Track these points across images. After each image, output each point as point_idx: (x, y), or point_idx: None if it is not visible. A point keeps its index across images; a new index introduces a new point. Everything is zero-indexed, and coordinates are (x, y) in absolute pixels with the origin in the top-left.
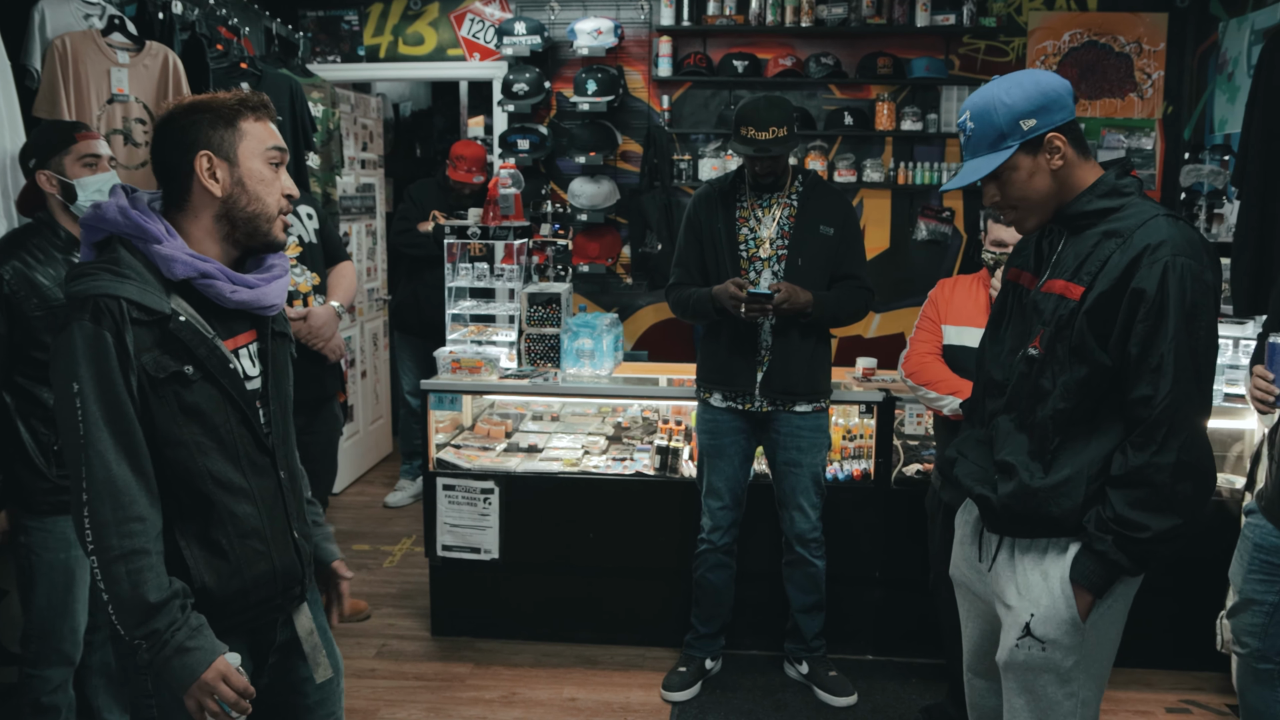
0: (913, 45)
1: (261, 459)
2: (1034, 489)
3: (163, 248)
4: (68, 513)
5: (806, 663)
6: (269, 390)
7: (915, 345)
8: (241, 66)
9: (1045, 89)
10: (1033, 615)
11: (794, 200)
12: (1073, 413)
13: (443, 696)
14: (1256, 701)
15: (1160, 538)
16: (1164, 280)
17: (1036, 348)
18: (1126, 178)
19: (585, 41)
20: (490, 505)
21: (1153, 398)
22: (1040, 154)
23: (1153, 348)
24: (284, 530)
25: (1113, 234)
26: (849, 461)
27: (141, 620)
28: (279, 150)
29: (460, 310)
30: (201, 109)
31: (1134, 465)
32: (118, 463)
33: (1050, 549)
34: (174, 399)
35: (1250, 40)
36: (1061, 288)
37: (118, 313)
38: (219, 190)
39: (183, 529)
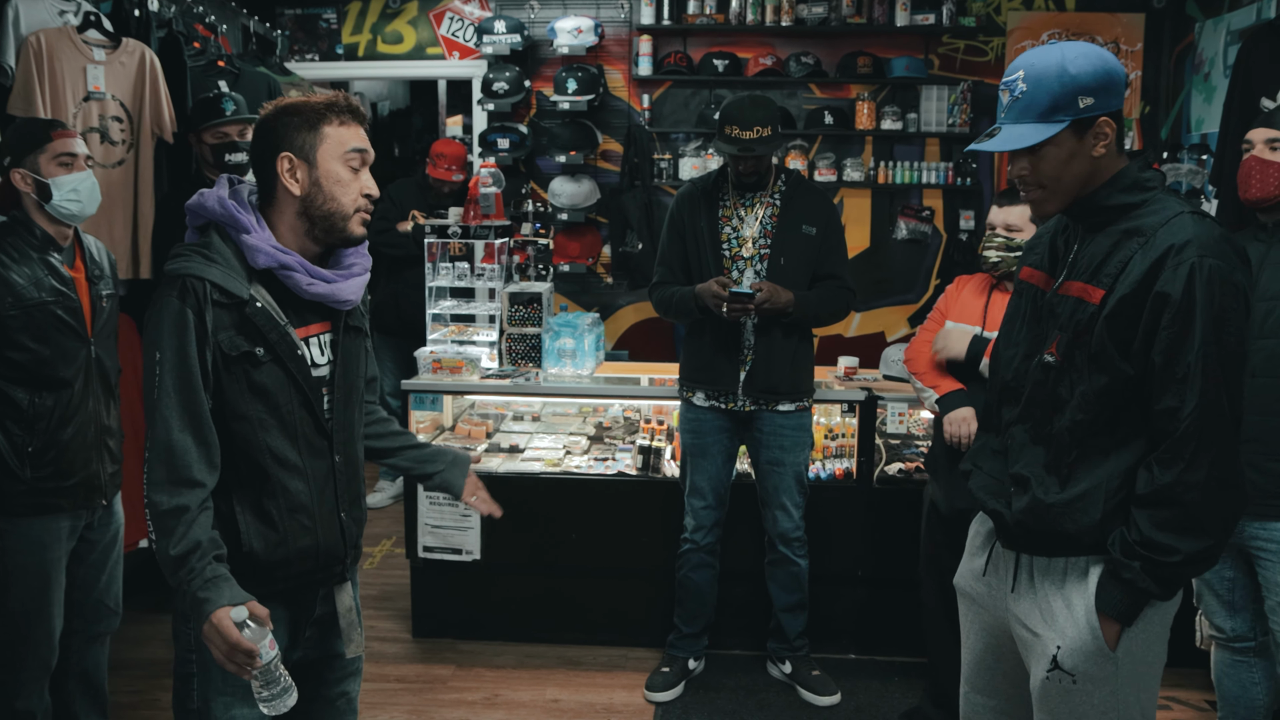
0: (892, 45)
1: (319, 441)
2: (1048, 504)
3: (250, 238)
4: (43, 515)
5: (790, 662)
6: (336, 379)
7: (920, 334)
8: (219, 64)
9: (1111, 68)
10: (1059, 647)
11: (777, 199)
12: (1092, 424)
13: (424, 699)
14: (1234, 686)
15: (1191, 560)
16: (1190, 283)
17: (1053, 354)
18: (1149, 171)
19: (565, 40)
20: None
21: (1179, 410)
22: (1087, 137)
23: (1179, 356)
24: (332, 510)
25: (1134, 232)
26: (831, 460)
27: (172, 570)
28: (359, 153)
29: (441, 310)
30: (291, 112)
31: (1161, 484)
32: (180, 429)
33: (1070, 573)
34: (243, 377)
35: (1226, 41)
36: (1079, 290)
37: (201, 293)
38: (297, 189)
39: (240, 496)
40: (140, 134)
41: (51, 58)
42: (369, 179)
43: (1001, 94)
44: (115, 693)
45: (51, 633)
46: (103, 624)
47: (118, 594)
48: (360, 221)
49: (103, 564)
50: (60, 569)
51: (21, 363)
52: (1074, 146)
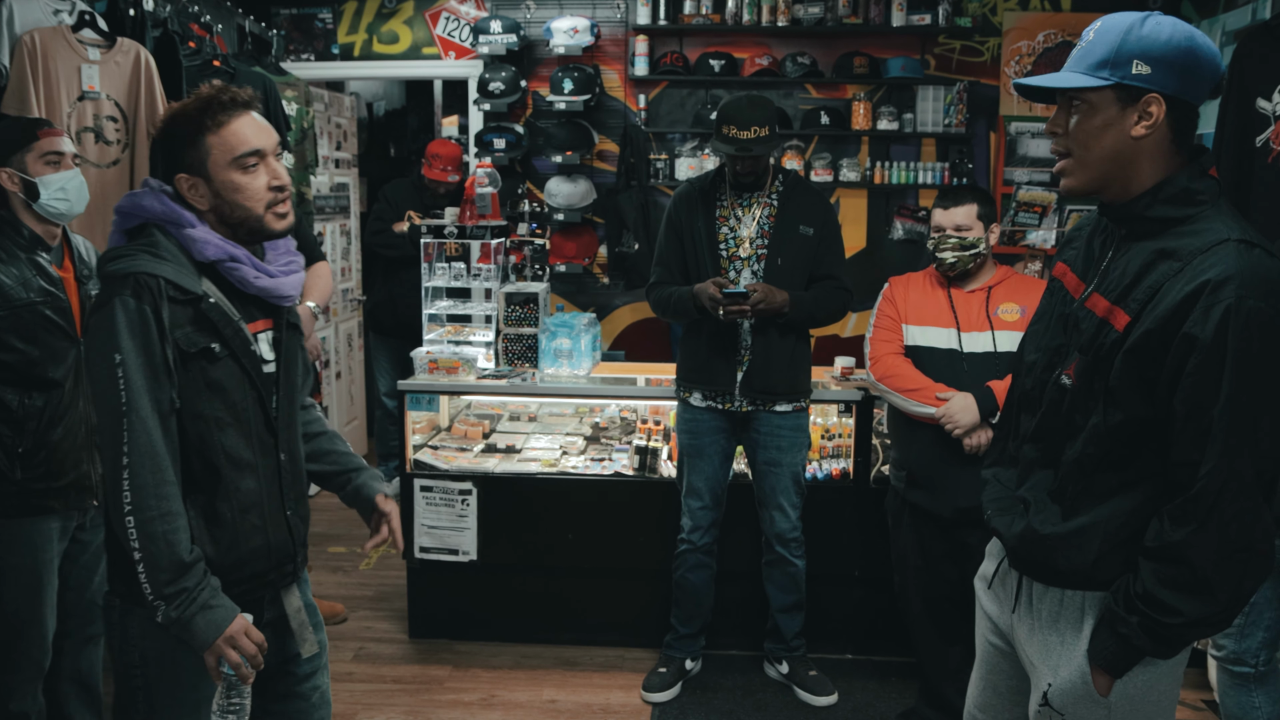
0: (889, 45)
1: (268, 438)
2: (1043, 536)
3: (196, 231)
4: (34, 515)
5: (787, 662)
6: (281, 377)
7: (878, 346)
8: (214, 64)
9: (1193, 48)
10: (1050, 685)
11: (774, 200)
12: (1102, 460)
13: (421, 699)
14: (1235, 707)
15: (1195, 624)
16: (1223, 327)
17: (1070, 376)
18: (1202, 180)
19: (561, 40)
20: (468, 506)
21: (1198, 466)
22: (1130, 110)
23: (1202, 408)
24: (279, 509)
25: (1169, 254)
26: (828, 461)
27: (174, 577)
28: (253, 154)
29: (437, 310)
30: (170, 129)
31: (1171, 540)
32: (157, 429)
33: (1066, 607)
34: (200, 374)
35: (1221, 41)
36: (1105, 310)
37: (157, 289)
38: (203, 205)
39: (192, 498)
40: (135, 134)
41: (46, 57)
42: (273, 168)
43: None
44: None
45: (44, 634)
46: (96, 625)
47: None
48: (276, 215)
49: (95, 565)
50: (52, 570)
51: (10, 363)
52: (1112, 115)
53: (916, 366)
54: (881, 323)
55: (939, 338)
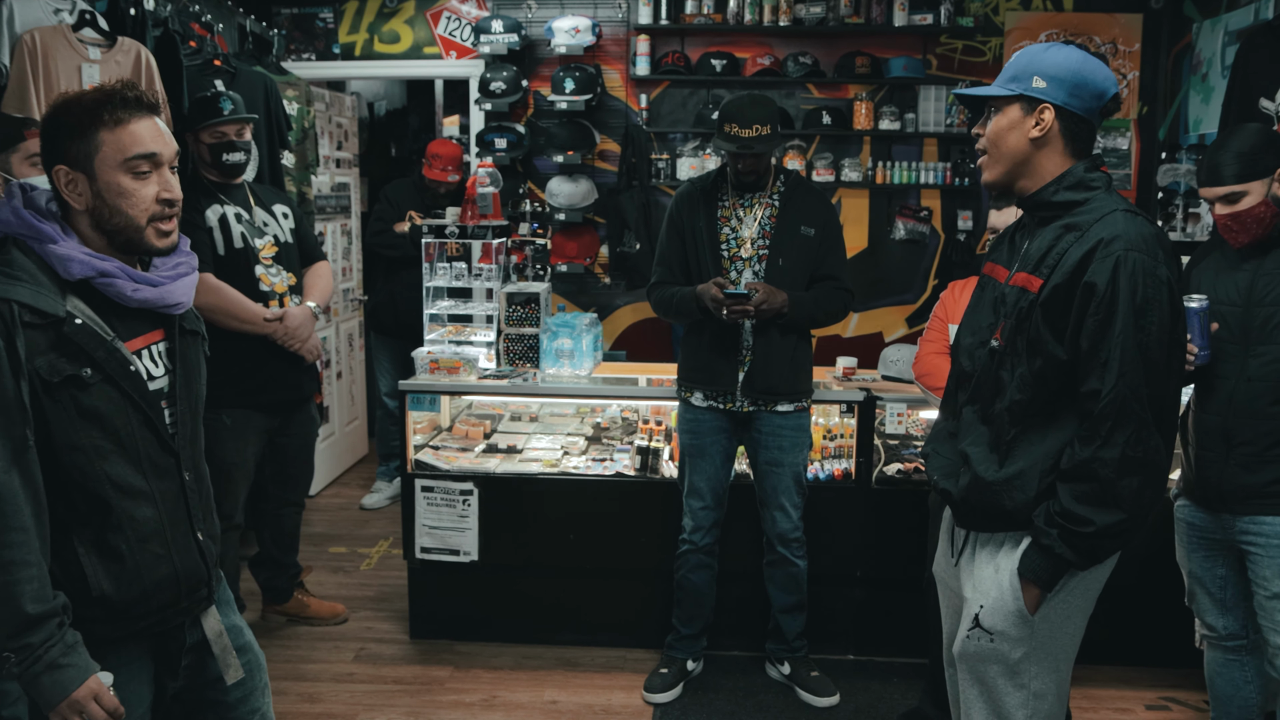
0: (891, 45)
1: (165, 460)
2: (988, 481)
3: (58, 248)
4: None
5: (788, 663)
6: (177, 390)
7: (924, 346)
8: (215, 64)
9: (1082, 71)
10: (982, 607)
11: (775, 200)
12: (1029, 405)
13: (422, 700)
14: (1226, 686)
15: (1104, 533)
16: (1115, 275)
17: (998, 339)
18: (1095, 172)
19: (563, 40)
20: (469, 507)
21: (1100, 391)
22: (1029, 116)
23: (1102, 343)
24: (186, 533)
25: (1072, 227)
26: (830, 461)
27: (16, 632)
28: (144, 158)
29: (438, 310)
30: (60, 116)
31: (1080, 459)
32: (6, 470)
33: (1005, 543)
34: (71, 403)
35: (1224, 41)
36: (1023, 280)
37: (8, 316)
38: (79, 204)
39: (80, 535)
40: None
41: (46, 56)
42: (166, 180)
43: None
44: None
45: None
46: None
47: None
48: (158, 233)
49: None
50: None
51: None
52: (1016, 119)
53: None
54: (932, 322)
55: None
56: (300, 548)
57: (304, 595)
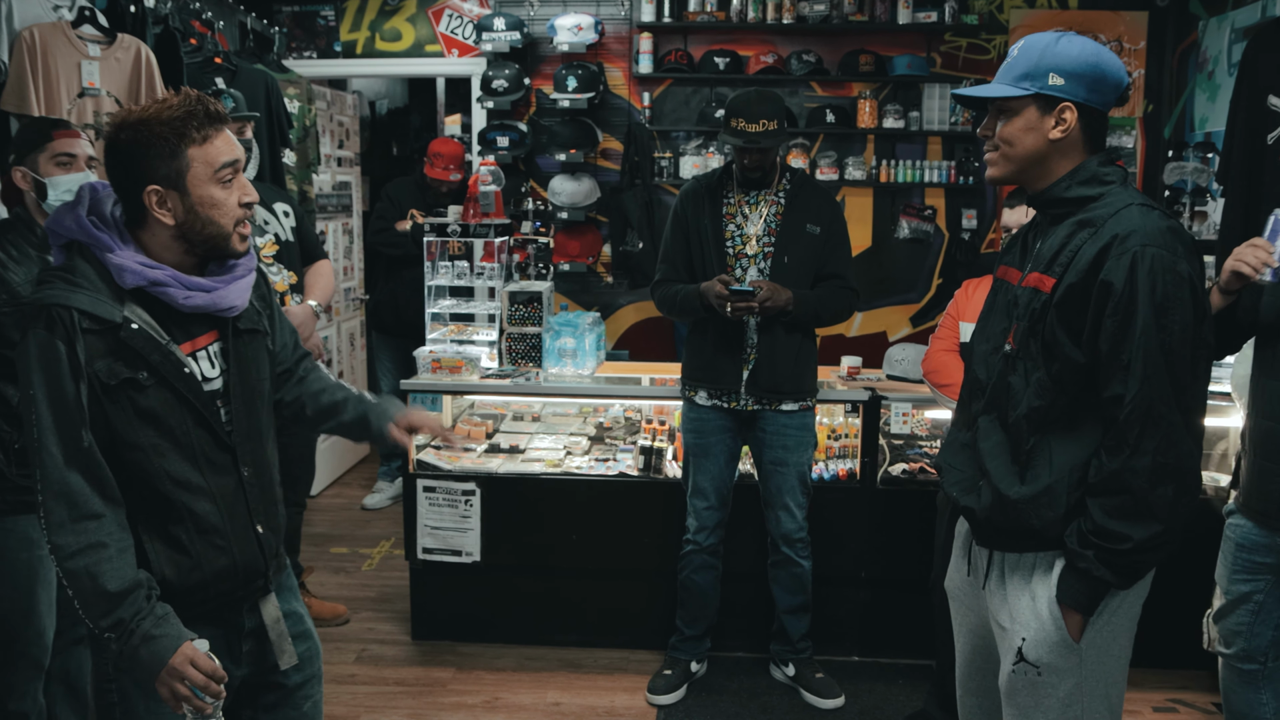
0: (895, 43)
1: (221, 457)
2: (1013, 500)
3: (114, 256)
4: (30, 512)
5: (793, 665)
6: (233, 389)
7: (935, 343)
8: (216, 61)
9: (1099, 64)
10: (1024, 640)
11: (781, 198)
12: (1047, 411)
13: (424, 702)
14: (1241, 705)
15: (1143, 547)
16: (1132, 272)
17: (1010, 343)
18: (1109, 166)
19: (565, 38)
20: (471, 507)
21: (1123, 397)
22: (1049, 116)
23: (1122, 344)
24: (246, 526)
25: (1086, 223)
26: (834, 461)
27: (106, 610)
28: (230, 166)
29: (440, 309)
30: (145, 137)
31: (1109, 470)
32: (67, 466)
33: (1038, 567)
34: (129, 404)
35: (1231, 39)
36: (1036, 280)
37: (69, 322)
38: (171, 220)
39: (145, 524)
40: None
41: (45, 53)
42: (243, 184)
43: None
44: None
45: (42, 632)
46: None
47: None
48: (240, 237)
49: None
50: (49, 567)
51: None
52: (1034, 120)
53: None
54: (944, 320)
55: None
56: (301, 548)
57: (305, 596)
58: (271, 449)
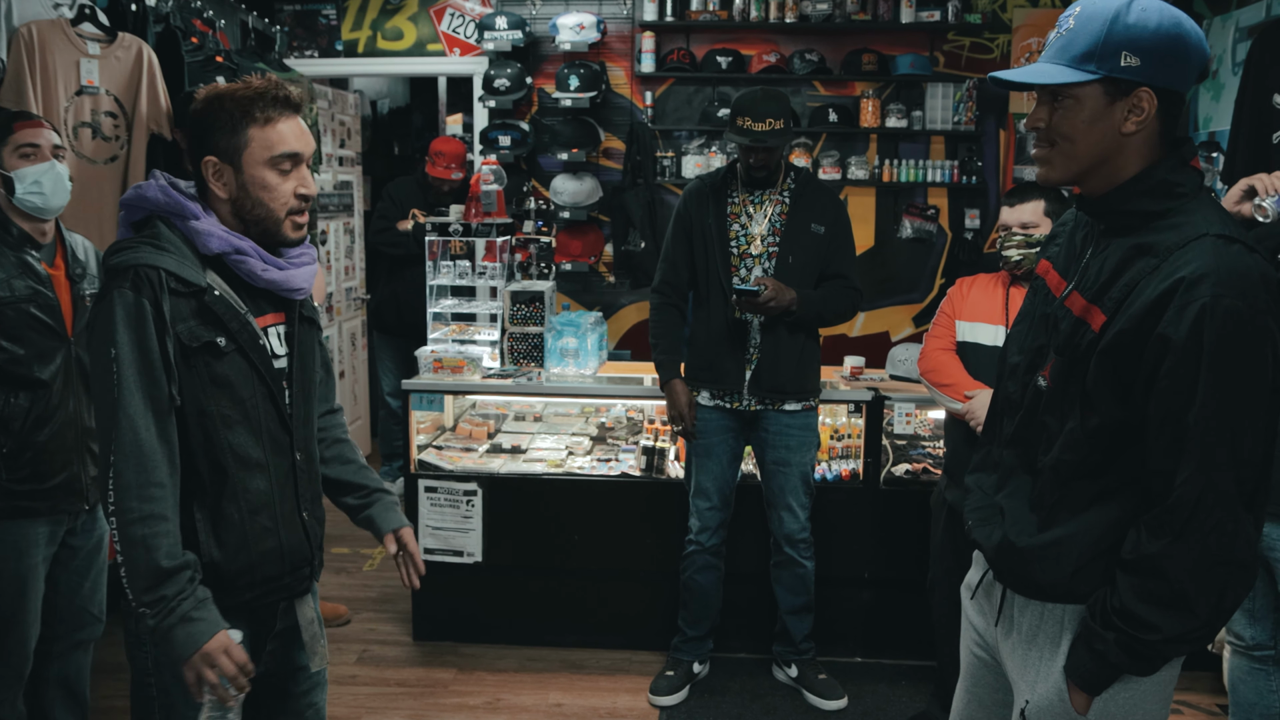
0: (897, 42)
1: (282, 436)
2: (1019, 548)
3: (200, 224)
4: (19, 519)
5: (795, 665)
6: (294, 372)
7: (930, 342)
8: (217, 60)
9: (1181, 34)
10: (1027, 702)
11: (785, 197)
12: (1079, 466)
13: (425, 703)
14: (1250, 693)
15: (1173, 640)
16: (1198, 327)
17: (1046, 378)
18: (1183, 171)
19: (567, 36)
20: (473, 507)
21: (1173, 474)
22: (1119, 104)
23: (1177, 413)
24: (294, 510)
25: (1147, 250)
26: (837, 461)
27: (152, 584)
28: (289, 157)
29: (441, 309)
30: (215, 109)
31: (1148, 552)
32: (146, 428)
33: (1045, 621)
34: (205, 369)
35: (1235, 38)
36: (1082, 309)
37: (157, 282)
38: (224, 193)
39: (199, 501)
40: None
41: (44, 50)
42: (304, 177)
43: (1052, 32)
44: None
45: (25, 640)
46: (85, 631)
47: (101, 601)
48: (294, 225)
49: (86, 570)
50: (37, 575)
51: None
52: (1100, 109)
53: (965, 363)
54: (938, 319)
55: (986, 334)
56: None
57: None
58: (316, 444)
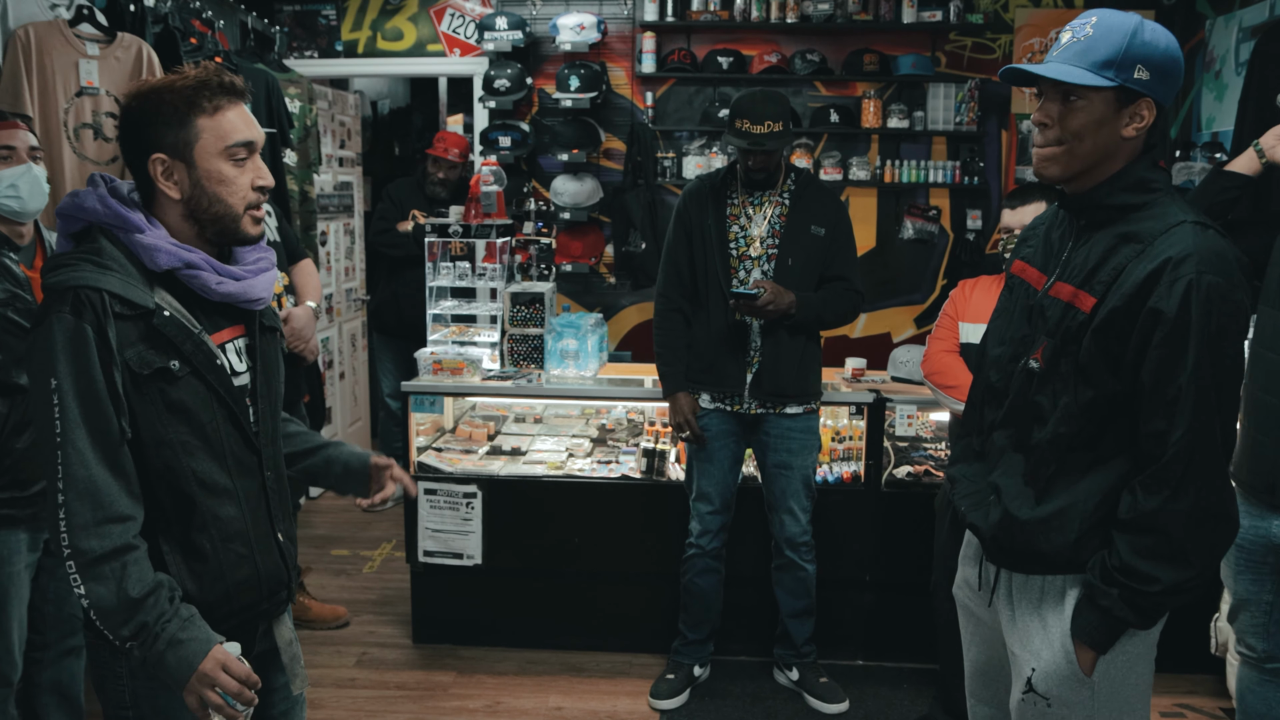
0: (899, 42)
1: (249, 458)
2: (1022, 521)
3: (145, 237)
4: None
5: (797, 669)
6: (258, 387)
7: (934, 344)
8: (216, 61)
9: (1179, 59)
10: (1034, 670)
11: (785, 199)
12: (1074, 438)
13: (425, 706)
14: (1258, 704)
15: (1171, 590)
16: (1186, 301)
17: (1038, 360)
18: (1156, 170)
19: (568, 37)
20: (473, 509)
21: (1168, 434)
22: (1125, 111)
23: (1170, 378)
24: (268, 533)
25: (1131, 238)
26: (839, 464)
27: (127, 617)
28: (243, 145)
29: (441, 310)
30: (154, 104)
31: (1145, 509)
32: (96, 462)
33: (1047, 592)
34: (159, 396)
35: (1238, 38)
36: (1070, 295)
37: (99, 305)
38: (176, 194)
39: (165, 532)
40: None
41: (41, 52)
42: (258, 167)
43: (1062, 34)
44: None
45: (11, 649)
46: (76, 637)
47: None
48: (252, 220)
49: None
50: (20, 583)
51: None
52: (1108, 113)
53: (969, 363)
54: (941, 320)
55: None
56: (301, 550)
57: (305, 597)
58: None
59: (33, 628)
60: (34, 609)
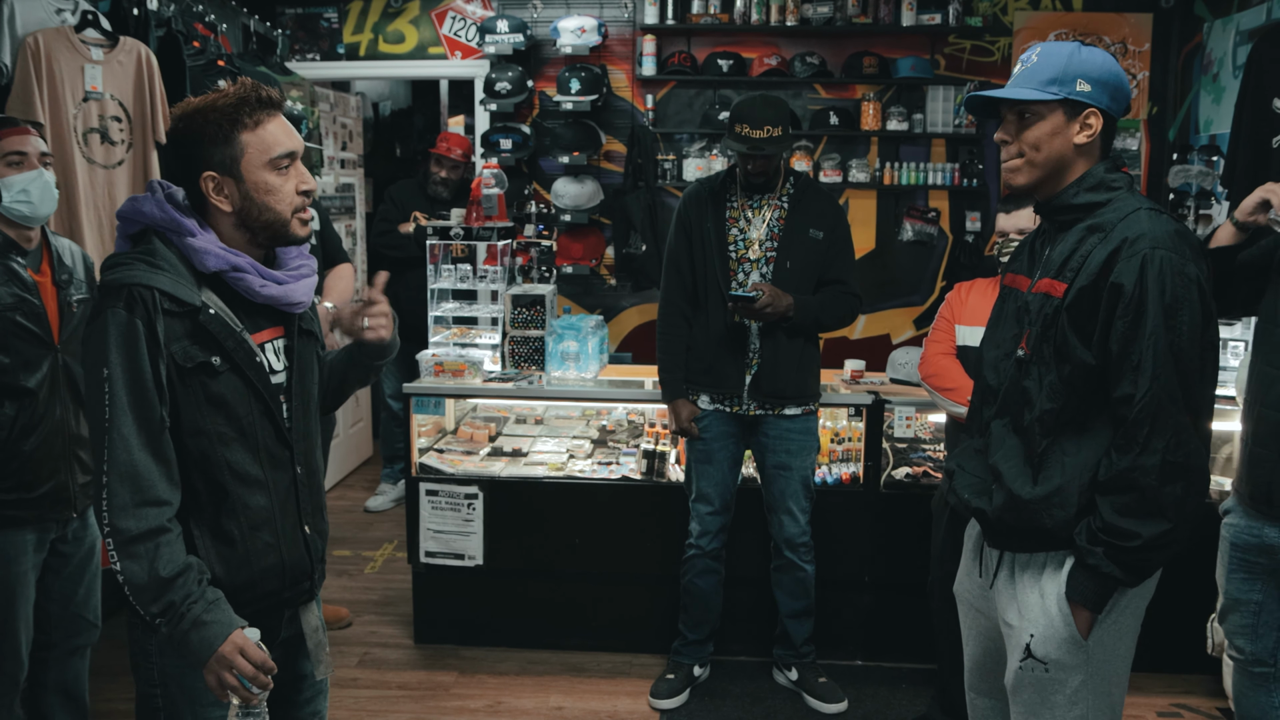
0: (898, 45)
1: (281, 452)
2: (1025, 500)
3: (196, 241)
4: (5, 528)
5: (796, 669)
6: (293, 386)
7: (931, 347)
8: (219, 64)
9: (1118, 73)
10: (1032, 636)
11: (784, 202)
12: (1060, 414)
13: (426, 706)
14: (1253, 708)
15: (1151, 544)
16: (1142, 274)
17: (1024, 349)
18: (1115, 172)
19: (569, 40)
20: (474, 510)
21: (1133, 396)
22: (1075, 121)
23: (1132, 345)
24: (295, 526)
25: (1096, 229)
26: (838, 465)
27: (157, 595)
28: (287, 155)
29: (443, 312)
30: (200, 125)
31: (1119, 469)
32: (139, 448)
33: (1048, 565)
34: (200, 389)
35: (1236, 41)
36: (1047, 286)
37: (150, 302)
38: (228, 206)
39: (197, 518)
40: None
41: (49, 59)
42: (302, 172)
43: (1014, 67)
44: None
45: (18, 648)
46: (81, 637)
47: (97, 606)
48: (300, 222)
49: (79, 577)
50: (26, 583)
51: None
52: (1060, 124)
53: (965, 367)
54: (938, 323)
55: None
56: None
57: None
58: (319, 456)
59: (38, 627)
60: (39, 609)
